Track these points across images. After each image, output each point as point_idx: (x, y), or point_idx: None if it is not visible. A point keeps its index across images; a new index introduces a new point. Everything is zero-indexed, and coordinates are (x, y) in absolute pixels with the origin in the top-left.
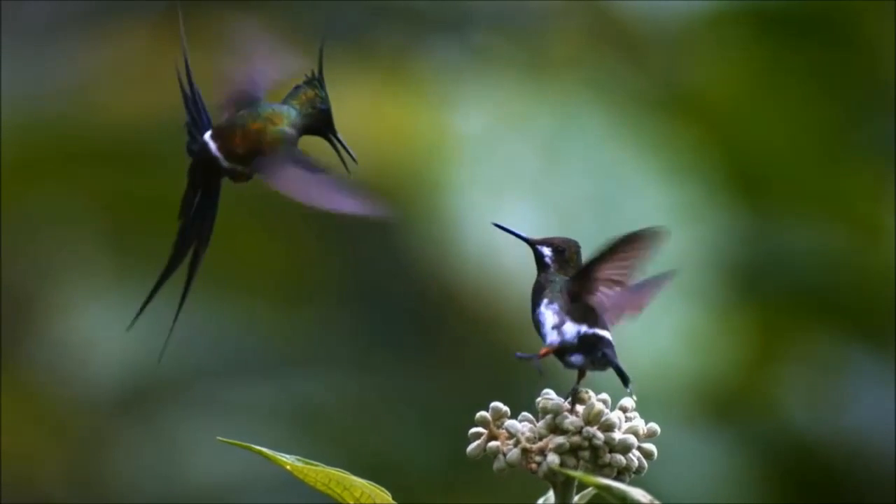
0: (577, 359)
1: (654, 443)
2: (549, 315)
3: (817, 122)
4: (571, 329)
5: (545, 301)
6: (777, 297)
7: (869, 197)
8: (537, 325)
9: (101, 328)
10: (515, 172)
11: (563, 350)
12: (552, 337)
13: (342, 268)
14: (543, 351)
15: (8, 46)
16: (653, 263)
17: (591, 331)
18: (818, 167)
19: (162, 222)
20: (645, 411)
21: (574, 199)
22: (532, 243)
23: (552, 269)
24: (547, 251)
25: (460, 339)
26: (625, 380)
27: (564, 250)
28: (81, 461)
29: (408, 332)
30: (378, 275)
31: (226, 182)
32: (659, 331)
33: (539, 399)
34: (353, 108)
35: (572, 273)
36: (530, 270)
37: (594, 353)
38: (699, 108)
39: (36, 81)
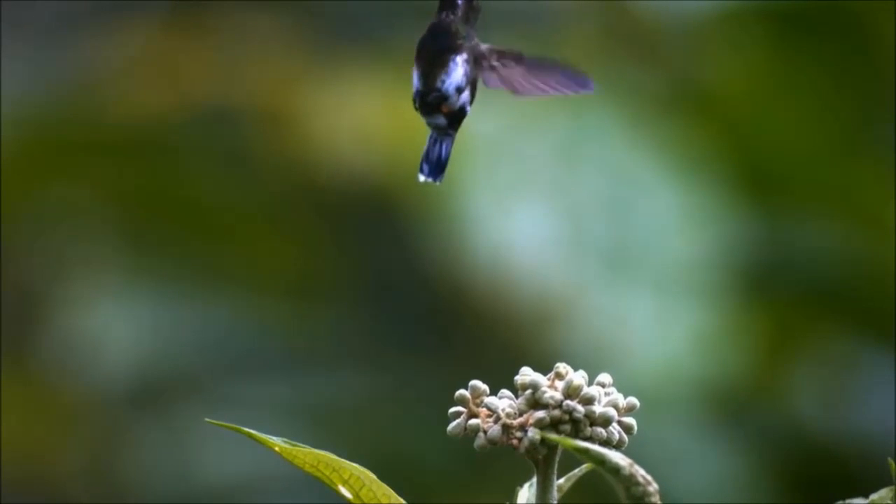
0: (440, 122)
1: (666, 444)
2: (459, 73)
3: (832, 121)
4: (465, 98)
5: (462, 56)
6: (790, 297)
7: (883, 196)
8: (436, 71)
9: (113, 324)
10: (529, 172)
11: (442, 111)
12: (451, 96)
13: (355, 267)
14: (446, 109)
15: (15, 42)
16: (661, 263)
17: (468, 107)
18: (832, 166)
19: (174, 218)
20: (657, 413)
21: (588, 200)
22: None
23: (459, 13)
24: None
25: (474, 337)
26: (440, 174)
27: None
28: (93, 458)
29: (422, 331)
30: (391, 274)
31: (235, 187)
32: (670, 333)
33: (517, 376)
34: (365, 105)
35: (471, 23)
36: (541, 268)
37: (452, 127)
38: (713, 108)
39: (45, 77)
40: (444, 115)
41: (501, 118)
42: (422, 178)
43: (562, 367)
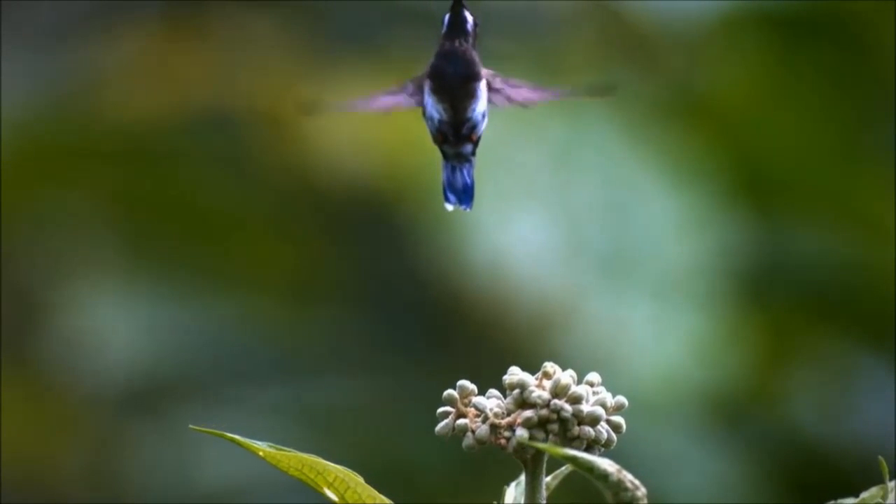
0: (467, 150)
1: (664, 449)
2: (483, 100)
3: (831, 126)
4: (486, 122)
5: (483, 82)
6: (788, 302)
7: (883, 201)
8: (465, 101)
9: (112, 326)
10: (526, 179)
11: (471, 140)
12: (479, 123)
13: (354, 271)
14: (474, 137)
15: (14, 46)
16: (659, 269)
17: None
18: (832, 171)
19: (173, 221)
20: (655, 419)
21: (586, 206)
22: (461, 3)
23: (470, 40)
24: (470, 18)
25: (472, 343)
26: (470, 200)
27: (478, 24)
28: (92, 459)
29: (418, 335)
30: (389, 278)
31: (234, 190)
32: (668, 338)
33: (506, 376)
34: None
35: (474, 43)
36: (539, 274)
37: (474, 153)
38: (711, 114)
39: (44, 80)
40: (472, 142)
41: (499, 126)
42: (450, 207)
43: (549, 366)
